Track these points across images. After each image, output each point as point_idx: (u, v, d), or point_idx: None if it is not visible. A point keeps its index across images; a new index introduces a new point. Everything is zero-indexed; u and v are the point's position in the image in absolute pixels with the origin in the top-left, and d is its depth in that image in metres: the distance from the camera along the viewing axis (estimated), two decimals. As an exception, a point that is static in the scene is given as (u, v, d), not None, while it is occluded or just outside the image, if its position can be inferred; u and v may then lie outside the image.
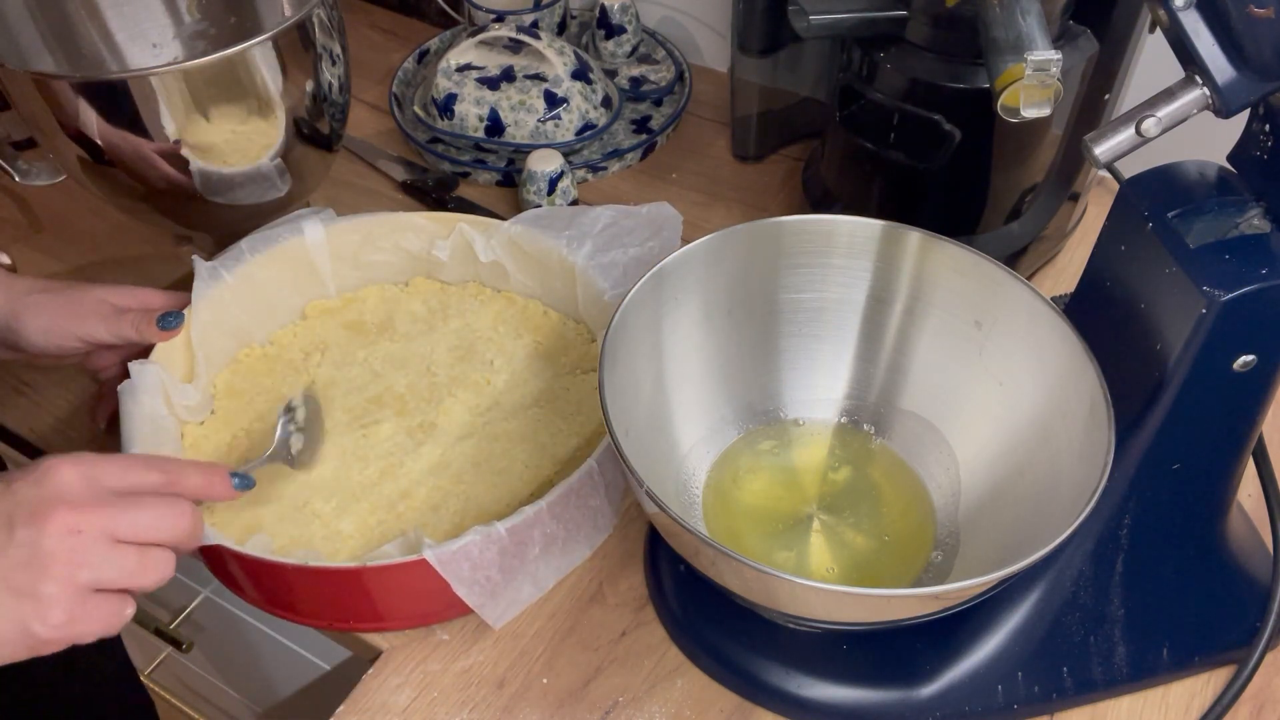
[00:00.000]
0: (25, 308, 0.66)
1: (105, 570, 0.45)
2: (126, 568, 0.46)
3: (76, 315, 0.66)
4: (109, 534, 0.46)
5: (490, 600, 0.59)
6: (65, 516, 0.44)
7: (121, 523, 0.46)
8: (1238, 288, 0.47)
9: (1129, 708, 0.59)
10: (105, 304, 0.67)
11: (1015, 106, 0.55)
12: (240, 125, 0.71)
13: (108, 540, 0.46)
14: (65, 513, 0.44)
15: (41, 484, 0.45)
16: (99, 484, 0.47)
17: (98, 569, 0.45)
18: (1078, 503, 0.49)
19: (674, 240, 0.76)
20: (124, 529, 0.46)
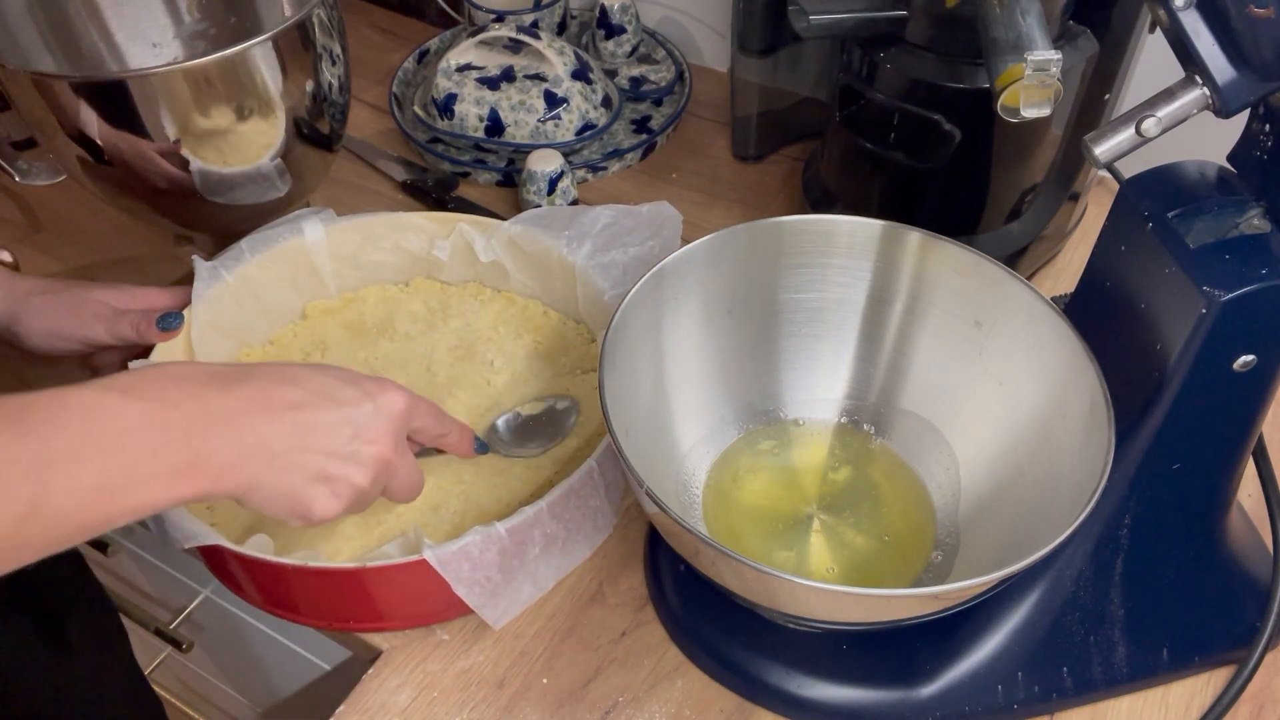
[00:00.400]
0: (27, 309, 0.66)
1: (361, 501, 0.54)
2: (362, 507, 0.56)
3: (77, 318, 0.66)
4: (393, 476, 0.55)
5: (490, 600, 0.59)
6: (387, 453, 0.54)
7: (402, 474, 0.56)
8: (1238, 288, 0.47)
9: (1129, 708, 0.59)
10: (106, 305, 0.67)
11: (1015, 106, 0.55)
12: (240, 125, 0.71)
13: (389, 480, 0.55)
14: (389, 450, 0.54)
15: (384, 410, 0.54)
16: (411, 424, 0.56)
17: (369, 497, 0.55)
18: (1078, 503, 0.49)
19: (674, 240, 0.76)
20: (400, 477, 0.56)
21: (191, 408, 0.47)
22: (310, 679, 0.92)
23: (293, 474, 0.50)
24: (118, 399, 0.45)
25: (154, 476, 0.45)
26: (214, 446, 0.47)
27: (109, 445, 0.44)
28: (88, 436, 0.44)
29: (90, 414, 0.44)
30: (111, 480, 0.44)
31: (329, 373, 0.54)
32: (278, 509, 0.51)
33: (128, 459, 0.44)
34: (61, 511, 0.43)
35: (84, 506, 0.43)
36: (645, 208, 0.77)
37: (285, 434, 0.50)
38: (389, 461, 0.54)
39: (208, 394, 0.48)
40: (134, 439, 0.45)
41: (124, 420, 0.45)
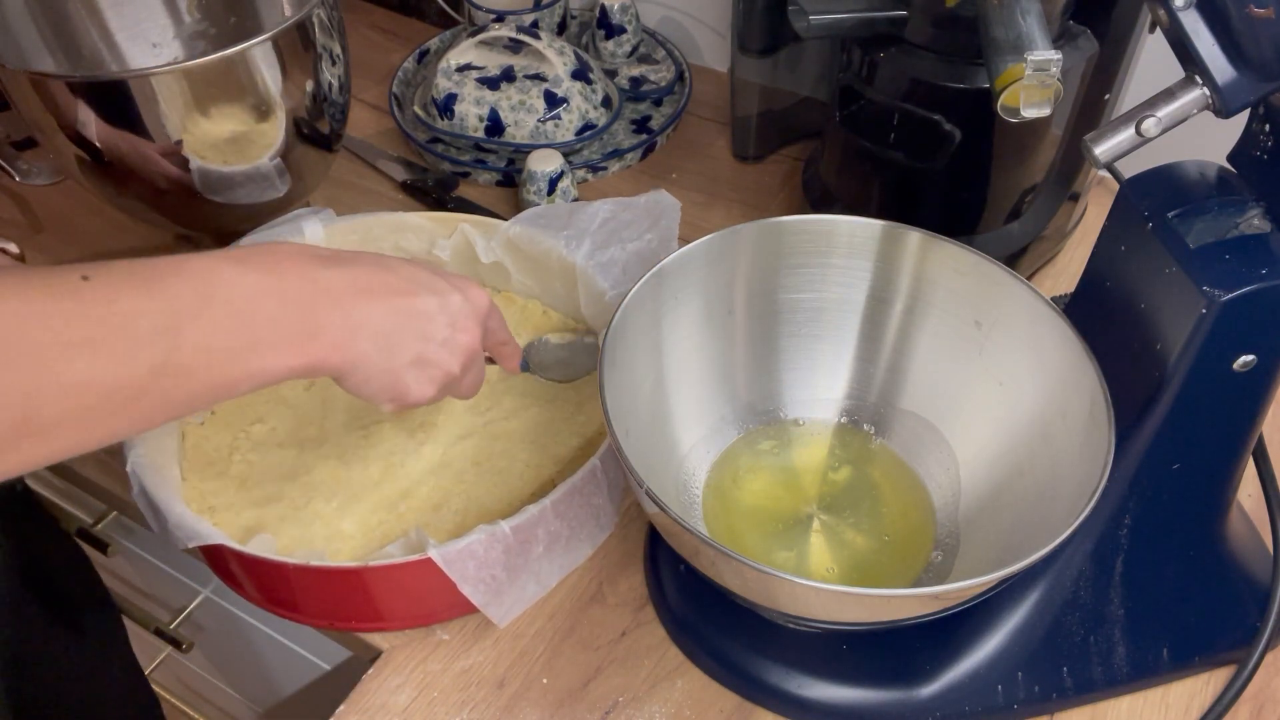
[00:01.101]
0: None
1: (451, 388, 0.57)
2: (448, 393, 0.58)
3: None
4: (471, 368, 0.57)
5: (495, 599, 0.59)
6: (473, 342, 0.56)
7: (477, 369, 0.59)
8: (1238, 288, 0.47)
9: (1129, 708, 0.59)
10: None
11: (1015, 106, 0.55)
12: (240, 125, 0.71)
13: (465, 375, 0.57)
14: (476, 340, 0.57)
15: (473, 303, 0.56)
16: (489, 322, 0.58)
17: (452, 385, 0.57)
18: (1078, 503, 0.49)
19: (672, 229, 0.75)
20: (475, 371, 0.59)
21: (303, 282, 0.49)
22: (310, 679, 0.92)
23: (394, 355, 0.52)
24: (236, 268, 0.46)
25: (272, 343, 0.47)
26: (325, 320, 0.49)
27: (232, 307, 0.46)
28: (212, 299, 0.45)
29: (211, 279, 0.45)
30: (235, 342, 0.46)
31: (419, 265, 0.56)
32: (375, 389, 0.53)
33: (249, 323, 0.46)
34: (189, 369, 0.44)
35: (210, 365, 0.45)
36: (643, 198, 0.77)
37: (389, 316, 0.52)
38: (476, 352, 0.57)
39: (317, 271, 0.50)
40: (254, 305, 0.46)
41: (243, 287, 0.46)
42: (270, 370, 0.47)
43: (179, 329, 0.43)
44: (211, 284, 0.45)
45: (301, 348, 0.48)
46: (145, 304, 0.43)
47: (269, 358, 0.47)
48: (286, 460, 0.67)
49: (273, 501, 0.64)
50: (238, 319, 0.46)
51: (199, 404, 0.46)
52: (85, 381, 0.41)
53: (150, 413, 0.44)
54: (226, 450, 0.68)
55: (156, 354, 0.43)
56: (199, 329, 0.44)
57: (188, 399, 0.45)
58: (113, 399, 0.42)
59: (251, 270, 0.47)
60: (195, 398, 0.45)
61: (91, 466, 0.72)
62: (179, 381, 0.44)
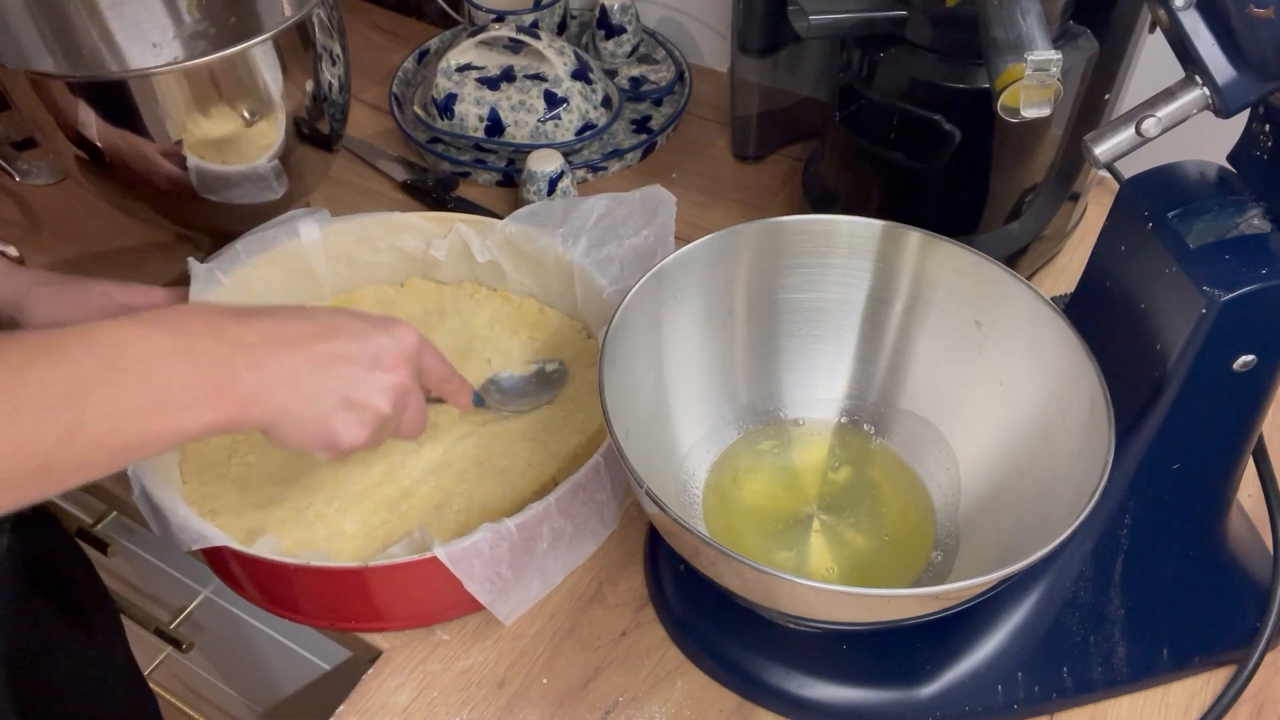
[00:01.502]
0: (30, 300, 0.66)
1: (383, 430, 0.56)
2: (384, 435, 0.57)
3: (81, 310, 0.66)
4: (406, 408, 0.57)
5: (501, 597, 0.59)
6: (402, 381, 0.56)
7: (413, 408, 0.58)
8: (1238, 288, 0.47)
9: (1129, 708, 0.59)
10: (111, 300, 0.67)
11: (1015, 106, 0.55)
12: (240, 125, 0.71)
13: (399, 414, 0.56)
14: (406, 378, 0.56)
15: (398, 341, 0.56)
16: (421, 360, 0.58)
17: (384, 428, 0.56)
18: (1078, 503, 0.49)
19: (669, 224, 0.75)
20: (412, 410, 0.58)
21: (214, 340, 0.49)
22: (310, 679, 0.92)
23: (318, 401, 0.52)
24: (145, 330, 0.46)
25: (185, 402, 0.47)
26: (239, 373, 0.49)
27: (140, 371, 0.45)
28: (119, 363, 0.45)
29: (119, 343, 0.46)
30: (144, 405, 0.45)
31: (340, 311, 0.56)
32: (305, 438, 0.52)
33: (158, 384, 0.46)
34: (98, 436, 0.44)
35: (119, 431, 0.45)
36: (638, 193, 0.77)
37: (306, 363, 0.51)
38: (407, 390, 0.56)
39: (228, 327, 0.50)
40: (163, 365, 0.46)
41: (152, 348, 0.46)
42: (185, 429, 0.47)
43: (85, 397, 0.44)
44: (117, 350, 0.45)
45: (216, 405, 0.48)
46: (50, 375, 0.43)
47: (183, 417, 0.47)
48: (286, 462, 0.67)
49: (274, 504, 0.64)
50: (147, 380, 0.46)
51: (113, 466, 0.46)
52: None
53: (61, 479, 0.44)
54: (226, 453, 0.68)
55: (64, 423, 0.43)
56: (106, 394, 0.44)
57: (98, 463, 0.45)
58: (18, 469, 0.42)
59: (160, 331, 0.47)
60: (107, 462, 0.45)
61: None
62: (89, 448, 0.44)
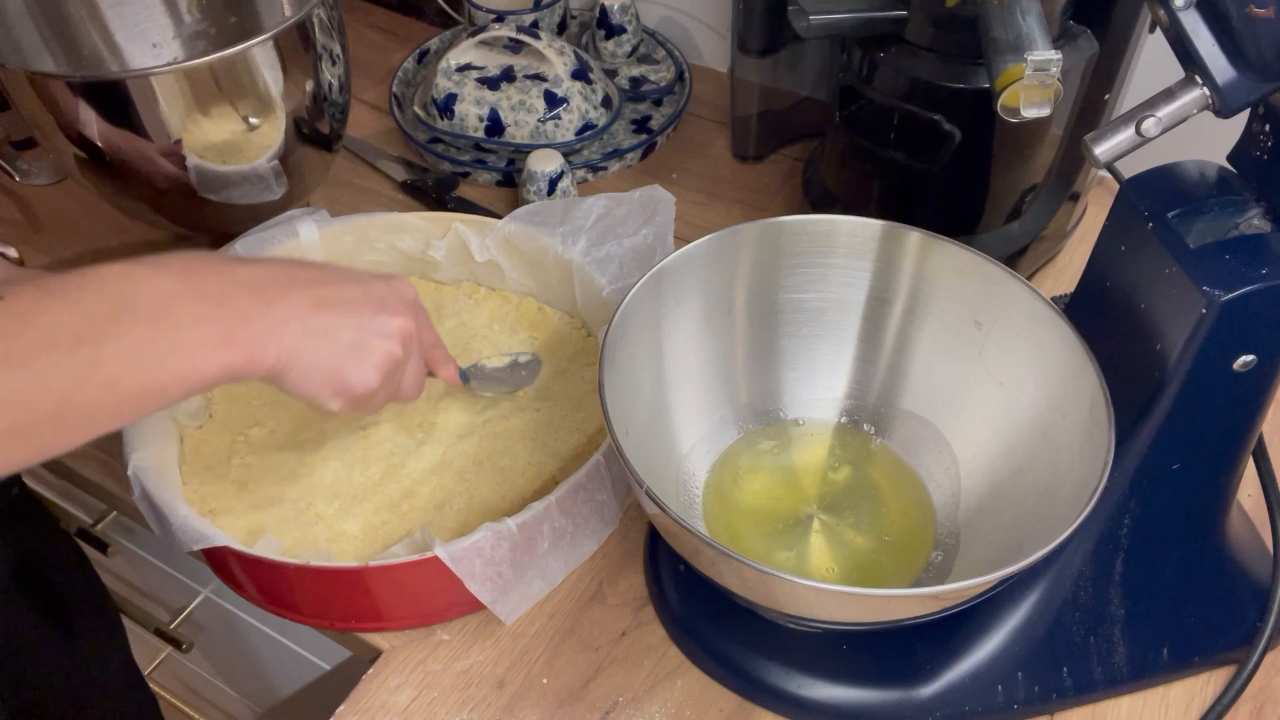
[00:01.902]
0: None
1: (394, 376, 0.56)
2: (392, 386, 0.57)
3: None
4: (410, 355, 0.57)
5: (502, 596, 0.59)
6: (408, 325, 0.56)
7: (414, 365, 0.58)
8: (1238, 288, 0.47)
9: (1129, 708, 0.59)
10: None
11: (1015, 106, 0.55)
12: (240, 125, 0.71)
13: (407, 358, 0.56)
14: (409, 322, 0.56)
15: (398, 291, 0.56)
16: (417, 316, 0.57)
17: (395, 372, 0.56)
18: (1078, 503, 0.49)
19: (668, 224, 0.75)
20: (413, 368, 0.58)
21: (222, 281, 0.48)
22: (310, 679, 0.92)
23: (328, 342, 0.51)
24: (149, 272, 0.46)
25: (197, 343, 0.46)
26: (249, 313, 0.48)
27: (151, 312, 0.45)
28: (130, 305, 0.44)
29: (128, 286, 0.45)
30: (159, 346, 0.45)
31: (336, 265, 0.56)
32: (316, 384, 0.52)
33: (170, 325, 0.45)
34: (115, 378, 0.44)
35: (135, 372, 0.44)
36: (637, 193, 0.77)
37: (314, 303, 0.51)
38: (411, 334, 0.56)
39: (234, 270, 0.49)
40: (174, 306, 0.46)
41: (161, 289, 0.46)
42: (201, 371, 0.46)
43: (100, 338, 0.43)
44: (128, 291, 0.45)
45: (229, 344, 0.47)
46: (63, 316, 0.43)
47: (197, 358, 0.46)
48: (286, 463, 0.67)
49: (274, 504, 0.64)
50: (159, 322, 0.45)
51: (133, 412, 0.45)
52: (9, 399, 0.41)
53: (80, 425, 0.44)
54: (225, 454, 0.68)
55: (79, 365, 0.42)
56: (120, 335, 0.44)
57: (119, 407, 0.45)
58: (39, 412, 0.42)
59: (166, 273, 0.46)
60: (126, 406, 0.45)
61: (92, 467, 0.72)
62: (106, 391, 0.44)
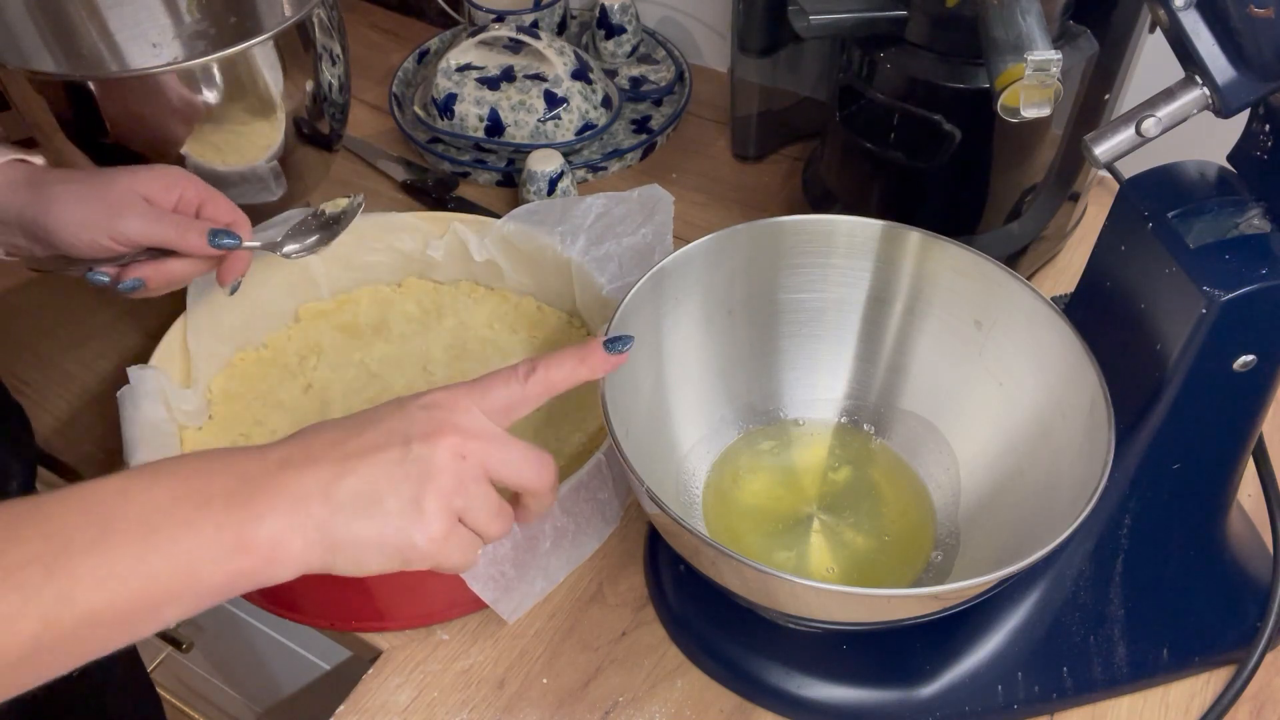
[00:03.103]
0: (56, 196, 0.60)
1: (475, 501, 0.46)
2: (489, 507, 0.47)
3: (109, 208, 0.60)
4: (485, 466, 0.46)
5: (504, 595, 0.59)
6: (455, 440, 0.45)
7: (498, 457, 0.47)
8: (1238, 288, 0.47)
9: (1129, 708, 0.59)
10: (136, 196, 0.61)
11: (1015, 106, 0.55)
12: (240, 125, 0.71)
13: (484, 472, 0.46)
14: (455, 436, 0.45)
15: (432, 407, 0.46)
16: (486, 409, 0.47)
17: (469, 498, 0.46)
18: (1078, 503, 0.49)
19: (667, 223, 0.76)
20: (498, 463, 0.47)
21: (229, 477, 0.42)
22: (310, 679, 0.92)
23: (364, 508, 0.44)
24: (147, 482, 0.41)
25: (197, 556, 0.40)
26: (261, 510, 0.42)
27: (139, 529, 0.40)
28: (113, 523, 0.40)
29: (118, 500, 0.40)
30: (145, 568, 0.39)
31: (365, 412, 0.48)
32: (374, 559, 0.45)
33: (162, 539, 0.40)
34: (91, 610, 0.38)
35: (117, 601, 0.39)
36: (636, 192, 0.77)
37: (334, 475, 0.44)
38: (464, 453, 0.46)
39: (244, 461, 0.43)
40: (168, 516, 0.40)
41: (154, 500, 0.41)
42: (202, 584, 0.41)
43: (74, 566, 0.38)
44: (116, 506, 0.40)
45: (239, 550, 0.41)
46: (35, 546, 0.38)
47: (197, 571, 0.40)
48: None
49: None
50: (149, 539, 0.40)
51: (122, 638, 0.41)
52: None
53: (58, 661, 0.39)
54: (226, 451, 0.68)
55: (49, 600, 0.38)
56: (99, 558, 0.39)
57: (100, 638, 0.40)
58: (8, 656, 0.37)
59: (163, 481, 0.41)
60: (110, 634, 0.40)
61: (92, 467, 0.72)
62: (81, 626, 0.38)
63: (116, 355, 0.79)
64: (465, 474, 0.46)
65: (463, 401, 0.47)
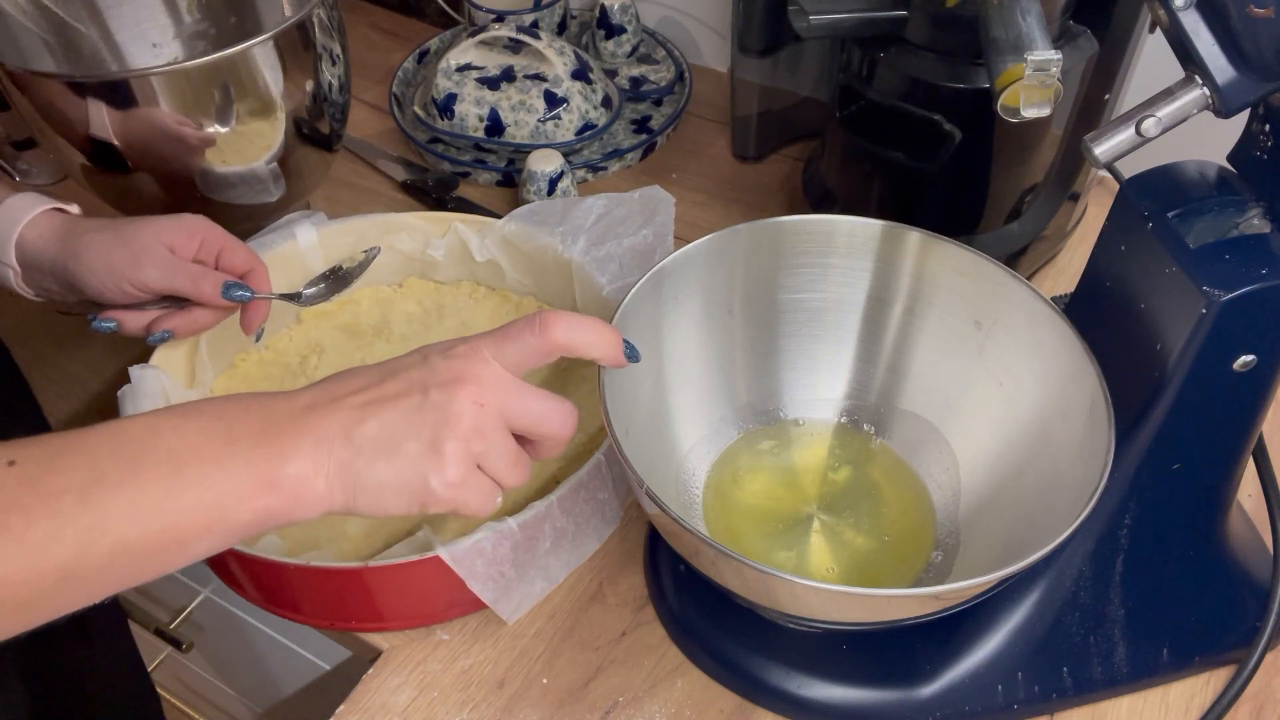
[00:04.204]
0: (85, 245, 0.62)
1: (493, 448, 0.47)
2: (507, 455, 0.48)
3: (132, 254, 0.62)
4: (504, 415, 0.47)
5: (504, 596, 0.59)
6: (473, 388, 0.46)
7: (516, 407, 0.48)
8: (1238, 288, 0.47)
9: (1129, 708, 0.59)
10: (160, 245, 0.63)
11: (1015, 106, 0.55)
12: (240, 125, 0.71)
13: (502, 421, 0.47)
14: (474, 385, 0.47)
15: (452, 356, 0.47)
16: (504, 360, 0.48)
17: (488, 443, 0.47)
18: (1078, 503, 0.49)
19: (668, 224, 0.76)
20: (517, 413, 0.48)
21: (256, 418, 0.44)
22: (310, 679, 0.92)
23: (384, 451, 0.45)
24: (177, 420, 0.42)
25: (224, 492, 0.42)
26: (287, 450, 0.43)
27: (169, 464, 0.41)
28: (147, 456, 0.41)
29: (150, 435, 0.42)
30: (176, 502, 0.41)
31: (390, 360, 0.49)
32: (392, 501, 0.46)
33: (190, 477, 0.41)
34: (123, 540, 0.40)
35: (148, 533, 0.40)
36: (636, 193, 0.77)
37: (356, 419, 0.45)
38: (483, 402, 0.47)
39: (272, 404, 0.45)
40: (198, 453, 0.42)
41: (183, 437, 0.42)
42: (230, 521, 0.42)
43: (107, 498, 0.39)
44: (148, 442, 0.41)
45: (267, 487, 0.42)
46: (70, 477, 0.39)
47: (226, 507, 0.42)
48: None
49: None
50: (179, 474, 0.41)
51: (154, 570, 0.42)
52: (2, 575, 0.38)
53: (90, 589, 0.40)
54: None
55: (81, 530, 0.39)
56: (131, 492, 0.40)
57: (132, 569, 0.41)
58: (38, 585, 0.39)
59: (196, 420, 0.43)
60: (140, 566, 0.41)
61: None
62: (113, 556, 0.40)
63: (118, 355, 0.79)
64: (484, 421, 0.47)
65: (482, 351, 0.48)
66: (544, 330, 0.49)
